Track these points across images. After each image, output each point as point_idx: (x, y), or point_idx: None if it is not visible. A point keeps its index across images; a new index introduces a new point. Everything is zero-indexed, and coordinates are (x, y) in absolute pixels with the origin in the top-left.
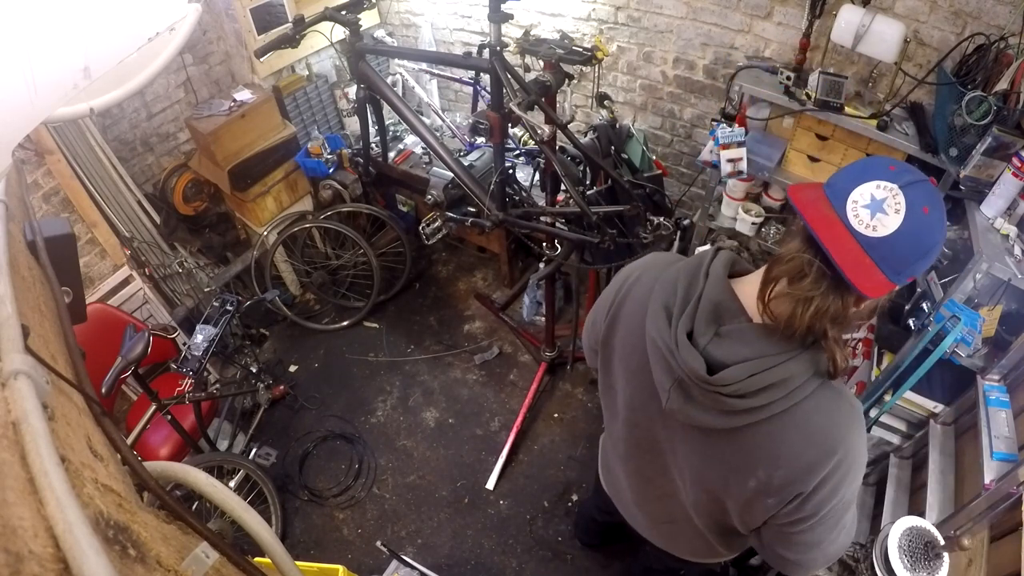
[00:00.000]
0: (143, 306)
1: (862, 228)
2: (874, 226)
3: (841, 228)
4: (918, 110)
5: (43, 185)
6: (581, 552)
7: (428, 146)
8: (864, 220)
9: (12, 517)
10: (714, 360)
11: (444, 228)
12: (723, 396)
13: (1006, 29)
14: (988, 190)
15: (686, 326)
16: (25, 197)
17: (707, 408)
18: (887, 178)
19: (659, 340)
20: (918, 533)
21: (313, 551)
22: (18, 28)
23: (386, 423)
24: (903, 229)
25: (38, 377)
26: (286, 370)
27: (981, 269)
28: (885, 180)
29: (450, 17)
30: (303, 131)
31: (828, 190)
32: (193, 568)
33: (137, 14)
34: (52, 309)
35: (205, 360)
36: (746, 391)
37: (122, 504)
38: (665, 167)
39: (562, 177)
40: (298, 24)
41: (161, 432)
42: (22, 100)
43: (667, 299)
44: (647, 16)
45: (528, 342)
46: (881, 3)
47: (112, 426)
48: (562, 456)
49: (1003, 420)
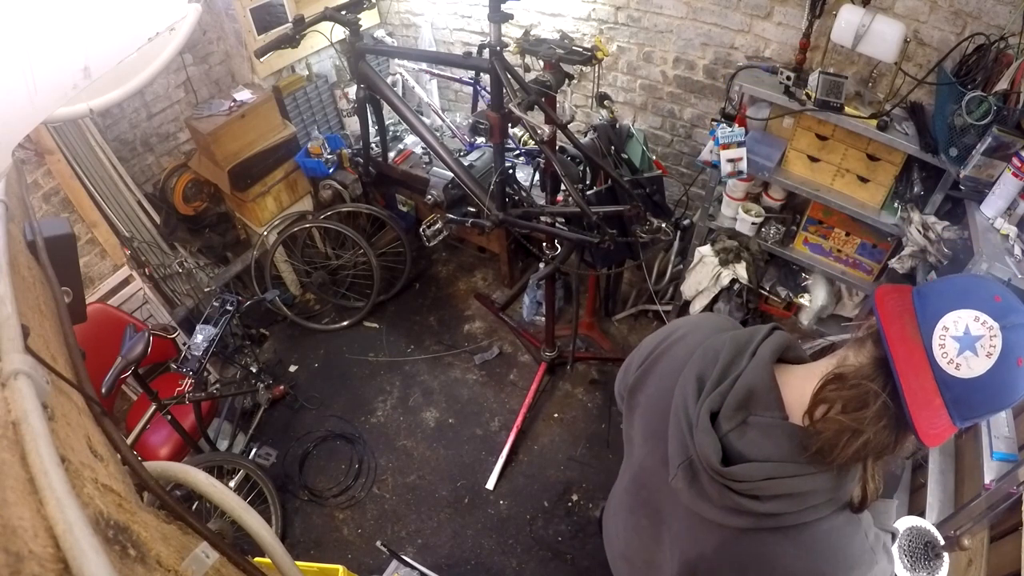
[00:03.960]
0: (143, 306)
1: (945, 363)
2: (959, 364)
3: (922, 357)
4: (918, 110)
5: (43, 185)
6: (581, 552)
7: (428, 146)
8: (950, 354)
9: (12, 517)
10: (733, 451)
11: (445, 230)
12: (733, 492)
13: (1006, 29)
14: (988, 190)
15: (713, 405)
16: (25, 197)
17: (711, 499)
18: (989, 311)
19: (682, 412)
20: (918, 533)
21: (313, 551)
22: (18, 28)
23: (386, 423)
24: (988, 376)
25: (38, 377)
26: (286, 370)
27: (981, 269)
28: (986, 314)
29: (450, 17)
30: (303, 131)
31: (918, 301)
32: (193, 568)
33: (137, 14)
34: (52, 309)
35: (205, 360)
36: (759, 494)
37: (122, 504)
38: (665, 167)
39: (562, 177)
40: (298, 24)
41: (161, 432)
42: (22, 100)
43: (704, 369)
44: (647, 16)
45: (528, 342)
46: (881, 3)
47: (112, 426)
48: (562, 456)
49: (1003, 420)
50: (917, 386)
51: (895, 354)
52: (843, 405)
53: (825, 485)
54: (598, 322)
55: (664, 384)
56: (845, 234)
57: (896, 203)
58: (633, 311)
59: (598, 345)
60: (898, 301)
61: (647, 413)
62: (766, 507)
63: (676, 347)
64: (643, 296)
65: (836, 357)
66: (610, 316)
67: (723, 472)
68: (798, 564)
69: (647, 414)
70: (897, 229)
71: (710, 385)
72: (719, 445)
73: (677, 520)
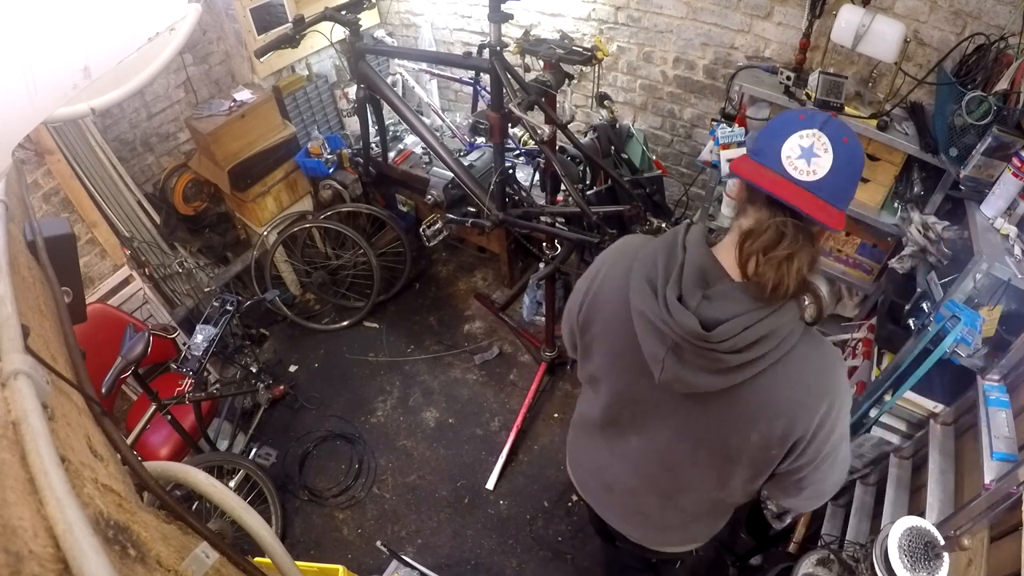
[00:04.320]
0: (143, 306)
1: (805, 176)
2: (812, 171)
3: (789, 184)
4: (918, 110)
5: (43, 185)
6: (581, 552)
7: (428, 146)
8: (802, 169)
9: (12, 517)
10: (706, 319)
11: (445, 230)
12: (719, 353)
13: (1006, 29)
14: (988, 190)
15: (675, 292)
16: (25, 197)
17: (703, 370)
18: (804, 126)
19: (648, 312)
20: (918, 533)
21: (313, 551)
22: (18, 28)
23: (386, 423)
24: (836, 163)
25: (38, 377)
26: (286, 370)
27: (981, 269)
28: (804, 128)
29: (450, 17)
30: (303, 131)
31: (758, 157)
32: (193, 568)
33: (137, 14)
34: (52, 309)
35: (205, 360)
36: (741, 345)
37: (122, 504)
38: (665, 167)
39: (562, 177)
40: (298, 24)
41: (161, 432)
42: (22, 100)
43: (649, 273)
44: (647, 16)
45: (528, 342)
46: (881, 3)
47: (112, 426)
48: (562, 456)
49: (1003, 420)
50: (801, 200)
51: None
52: (764, 248)
53: (789, 315)
54: None
55: (613, 307)
56: (845, 234)
57: (896, 203)
58: None
59: None
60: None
61: (606, 338)
62: (751, 354)
63: (611, 272)
64: None
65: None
66: None
67: (708, 336)
68: (792, 387)
69: (606, 339)
70: (897, 229)
71: (661, 280)
72: (696, 318)
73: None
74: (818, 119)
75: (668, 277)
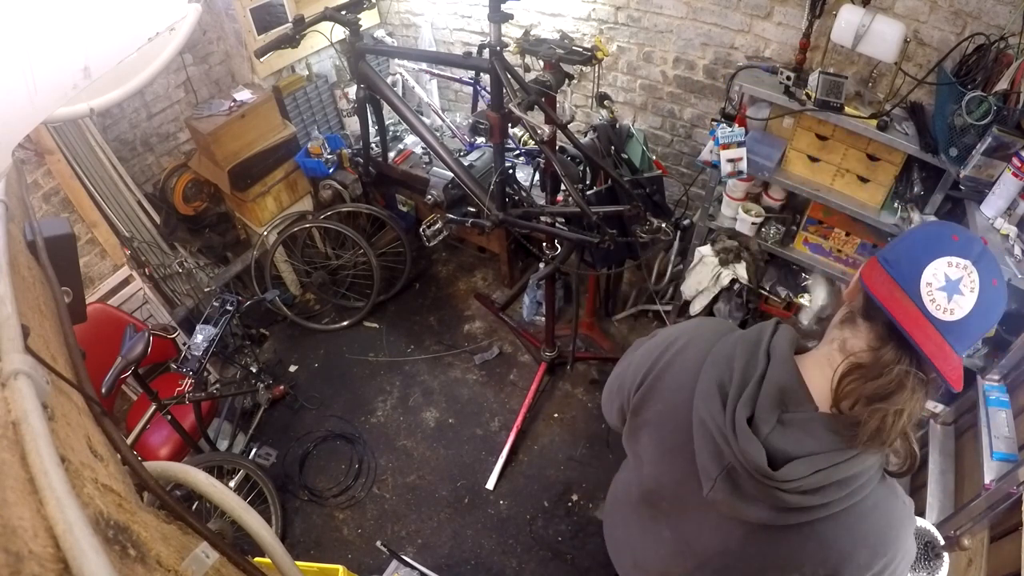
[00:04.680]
0: (143, 306)
1: (941, 314)
2: (951, 309)
3: (921, 318)
4: (918, 110)
5: (43, 185)
6: (581, 552)
7: (428, 146)
8: (943, 305)
9: (12, 517)
10: (776, 451)
11: (445, 230)
12: (781, 492)
13: (1006, 29)
14: (988, 190)
15: (746, 410)
16: (25, 197)
17: (757, 502)
18: (956, 253)
19: (711, 423)
20: (918, 533)
21: (313, 551)
22: (18, 28)
23: (386, 423)
24: (977, 308)
25: (38, 377)
26: (286, 370)
27: None
28: (956, 256)
29: (450, 17)
30: (303, 131)
31: (892, 271)
32: (193, 568)
33: (137, 14)
34: (52, 309)
35: (205, 360)
36: (808, 488)
37: (122, 504)
38: (665, 167)
39: (562, 177)
40: (298, 24)
41: (161, 432)
42: (22, 100)
43: (721, 376)
44: (647, 16)
45: (528, 342)
46: (881, 3)
47: (112, 426)
48: (562, 456)
49: (1003, 420)
50: (933, 346)
51: (906, 326)
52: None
53: (871, 463)
54: (598, 322)
55: (676, 398)
56: (845, 234)
57: (896, 203)
58: (633, 311)
59: (598, 345)
60: (878, 275)
61: (660, 429)
62: (816, 499)
63: (680, 358)
64: (643, 296)
65: (835, 342)
66: (610, 316)
67: (773, 476)
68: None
69: (660, 430)
70: (897, 229)
71: (735, 391)
72: (763, 450)
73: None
74: (974, 248)
75: (742, 390)
